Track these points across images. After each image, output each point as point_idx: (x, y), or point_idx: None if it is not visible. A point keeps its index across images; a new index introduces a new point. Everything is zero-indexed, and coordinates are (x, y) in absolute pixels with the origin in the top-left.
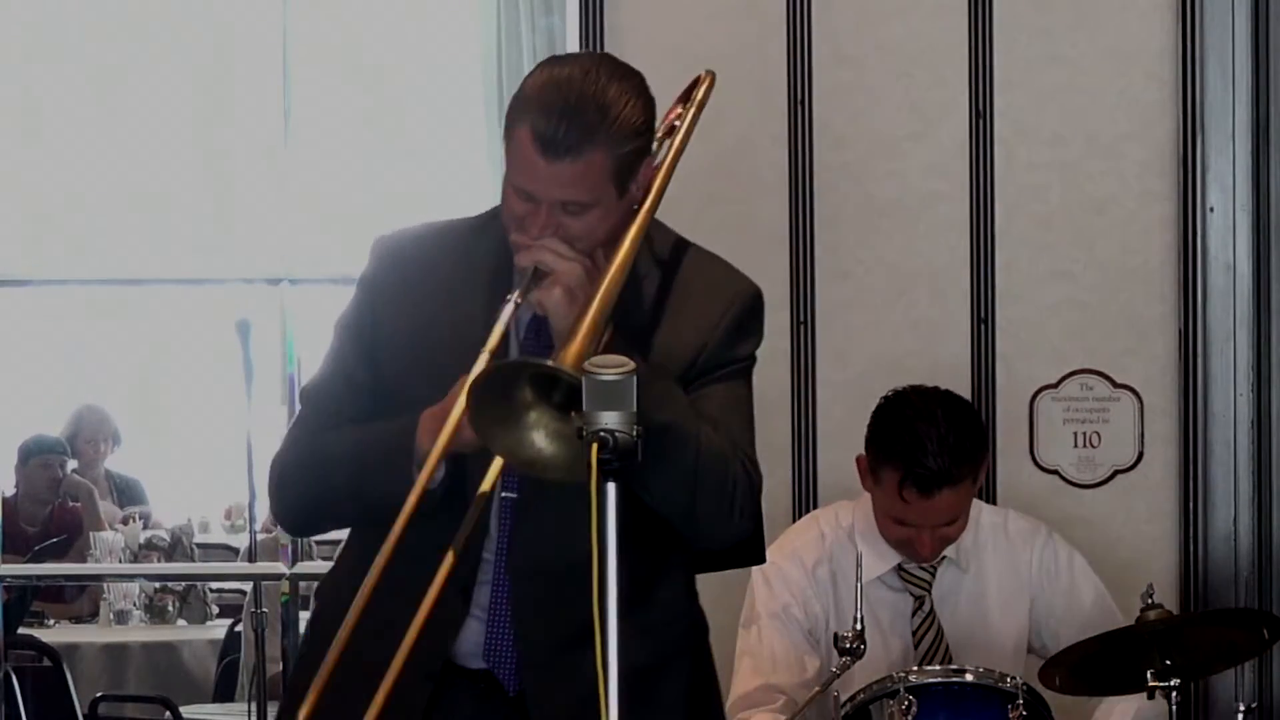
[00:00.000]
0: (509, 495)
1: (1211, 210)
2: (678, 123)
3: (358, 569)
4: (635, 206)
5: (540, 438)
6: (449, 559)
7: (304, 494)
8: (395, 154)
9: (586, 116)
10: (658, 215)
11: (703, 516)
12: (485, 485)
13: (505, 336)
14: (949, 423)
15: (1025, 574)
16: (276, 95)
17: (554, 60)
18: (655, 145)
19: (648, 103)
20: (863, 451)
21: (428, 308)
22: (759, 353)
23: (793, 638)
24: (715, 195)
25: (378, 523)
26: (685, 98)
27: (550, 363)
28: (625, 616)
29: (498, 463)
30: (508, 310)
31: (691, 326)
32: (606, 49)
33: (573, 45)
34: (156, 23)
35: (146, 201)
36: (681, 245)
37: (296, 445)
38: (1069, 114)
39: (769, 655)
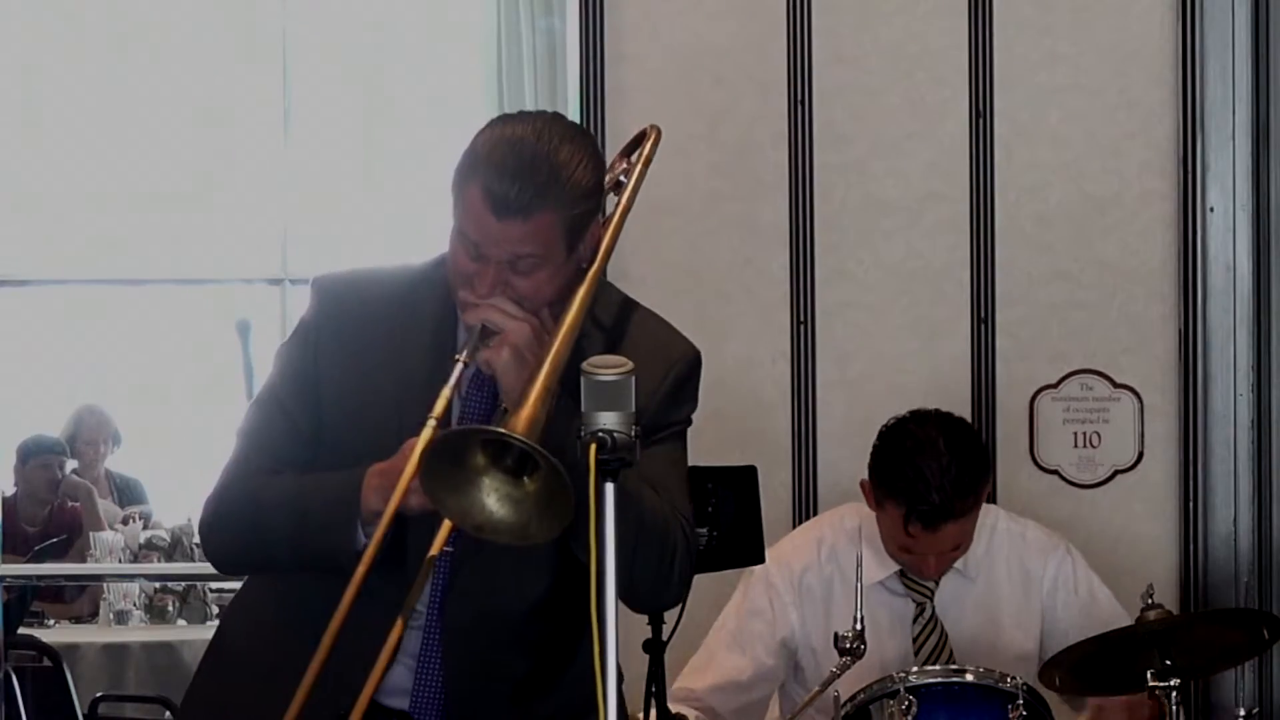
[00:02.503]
0: (446, 549)
1: (1211, 210)
2: (624, 179)
3: (274, 603)
4: (583, 265)
5: (492, 502)
6: (398, 627)
7: (238, 537)
8: (395, 155)
9: (539, 176)
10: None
11: (640, 578)
12: (434, 550)
13: (455, 379)
14: (951, 453)
15: (1039, 586)
16: (276, 96)
17: (505, 119)
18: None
19: (598, 164)
20: (865, 476)
21: (369, 357)
22: (758, 354)
23: (741, 655)
24: (716, 195)
25: (308, 571)
26: (629, 151)
27: (503, 430)
28: (559, 673)
29: (446, 525)
30: (456, 371)
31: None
32: (606, 50)
33: (573, 46)
34: (156, 23)
35: (146, 202)
36: (626, 306)
37: (233, 487)
38: (1069, 114)
39: (710, 660)
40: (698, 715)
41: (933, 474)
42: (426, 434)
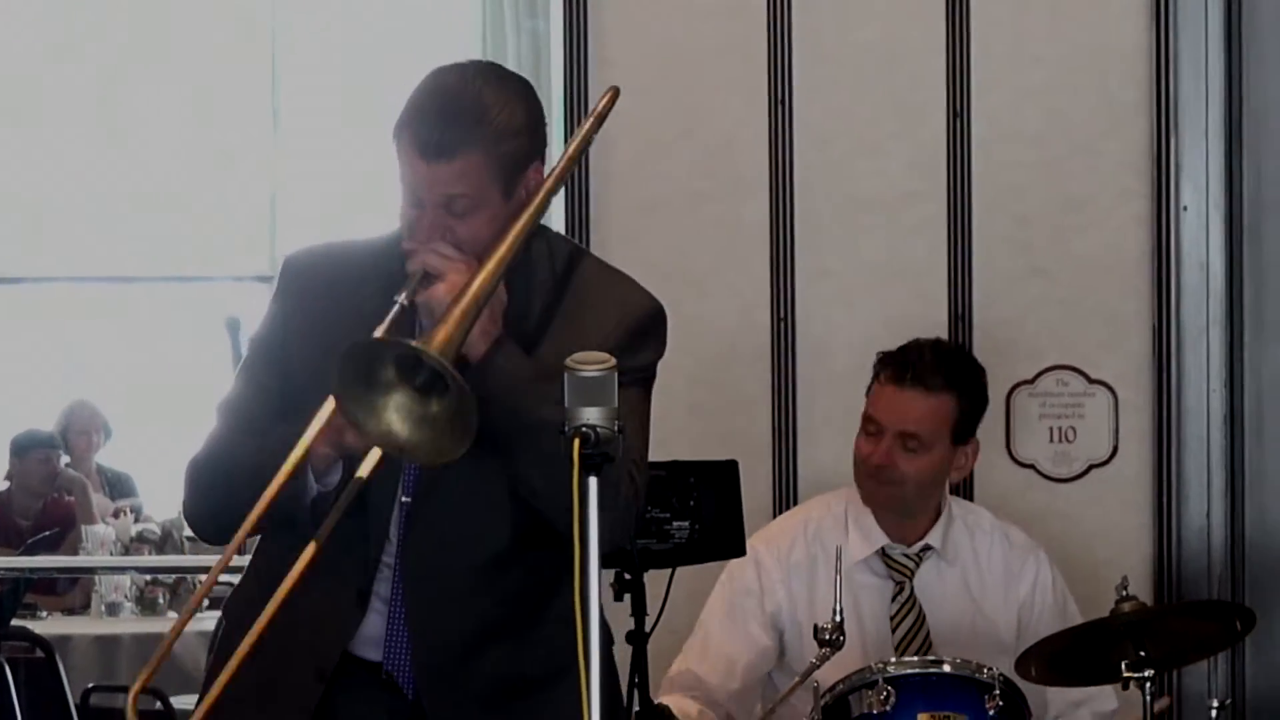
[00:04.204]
0: (405, 500)
1: (1185, 209)
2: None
3: (264, 586)
4: (524, 207)
5: (399, 420)
6: (310, 548)
7: (212, 501)
8: (382, 154)
9: (463, 118)
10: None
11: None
12: (361, 471)
13: (398, 322)
14: (939, 344)
15: (1017, 586)
16: (266, 98)
17: (439, 69)
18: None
19: (531, 106)
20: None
21: (334, 324)
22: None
23: (737, 634)
24: (698, 194)
25: (280, 524)
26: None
27: (414, 343)
28: (523, 624)
29: (375, 452)
30: (394, 311)
31: (582, 333)
32: (591, 51)
33: (557, 47)
34: (149, 24)
35: (139, 201)
36: (577, 254)
37: (207, 454)
38: (1046, 114)
39: (703, 644)
40: (700, 709)
41: (919, 347)
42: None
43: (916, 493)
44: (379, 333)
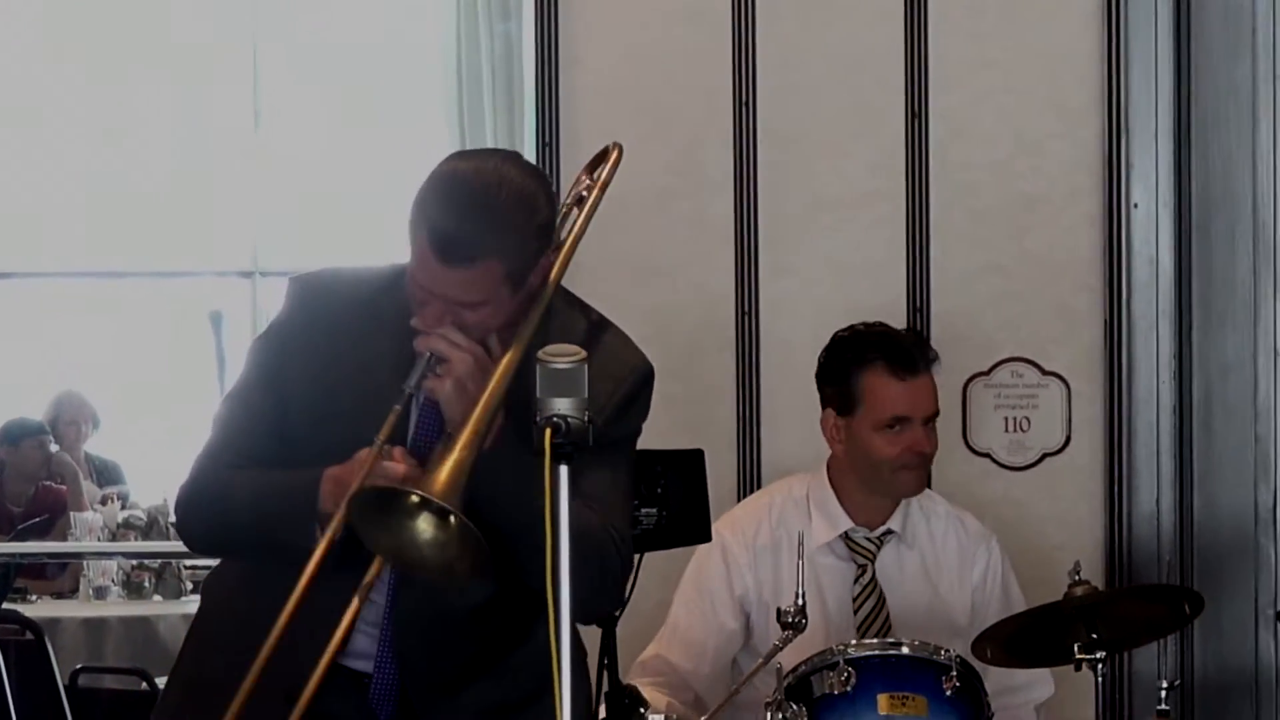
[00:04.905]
0: None
1: (1135, 207)
2: (585, 193)
3: (245, 575)
4: (534, 293)
5: (421, 543)
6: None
7: (208, 528)
8: (361, 155)
9: (484, 225)
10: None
11: (574, 593)
12: (368, 578)
13: (407, 408)
14: (892, 329)
15: (971, 570)
16: (248, 98)
17: (460, 156)
18: (560, 221)
19: (549, 201)
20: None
21: (335, 361)
22: (705, 343)
23: (706, 619)
24: (666, 192)
25: (272, 559)
26: (592, 168)
27: (420, 493)
28: (501, 658)
29: (378, 561)
30: (404, 399)
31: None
32: (561, 54)
33: (529, 50)
34: (133, 24)
35: (125, 199)
36: (592, 330)
37: (203, 479)
38: (1000, 115)
39: (673, 629)
40: (669, 701)
41: (892, 332)
42: (371, 454)
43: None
44: (389, 421)
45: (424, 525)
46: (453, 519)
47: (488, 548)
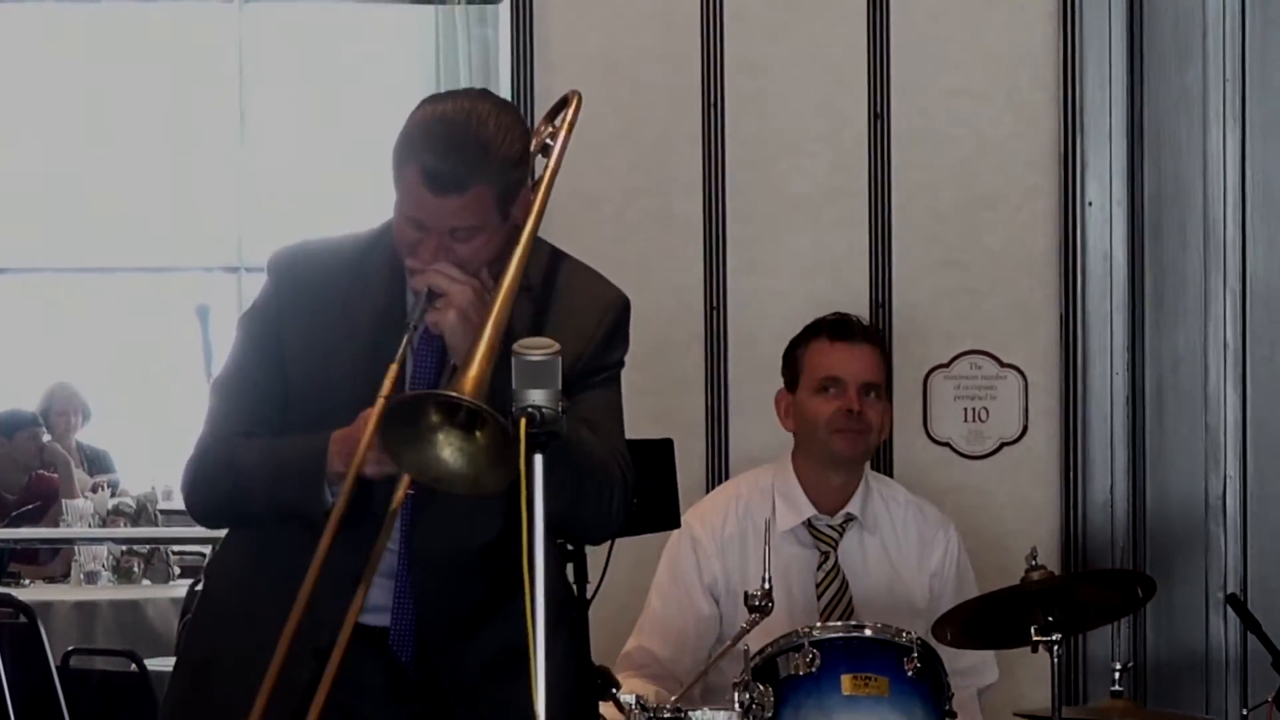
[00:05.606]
0: (410, 492)
1: (1090, 204)
2: (550, 141)
3: (250, 553)
4: (517, 226)
5: (447, 455)
6: (361, 590)
7: (219, 498)
8: (342, 152)
9: (470, 153)
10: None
11: (582, 516)
12: (395, 504)
13: (403, 364)
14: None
15: (929, 555)
16: (233, 98)
17: (435, 99)
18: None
19: (524, 133)
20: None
21: (326, 326)
22: (675, 337)
23: (682, 607)
24: (636, 191)
25: (283, 524)
26: (552, 116)
27: (453, 393)
28: (509, 600)
29: (405, 480)
30: (405, 339)
31: (570, 337)
32: (536, 57)
33: (505, 53)
34: (122, 25)
35: (114, 196)
36: (555, 258)
37: (210, 452)
38: (959, 116)
39: (652, 620)
40: (656, 690)
41: (843, 315)
42: (379, 407)
43: (875, 440)
44: (392, 372)
45: (452, 435)
46: (487, 415)
47: (514, 457)
